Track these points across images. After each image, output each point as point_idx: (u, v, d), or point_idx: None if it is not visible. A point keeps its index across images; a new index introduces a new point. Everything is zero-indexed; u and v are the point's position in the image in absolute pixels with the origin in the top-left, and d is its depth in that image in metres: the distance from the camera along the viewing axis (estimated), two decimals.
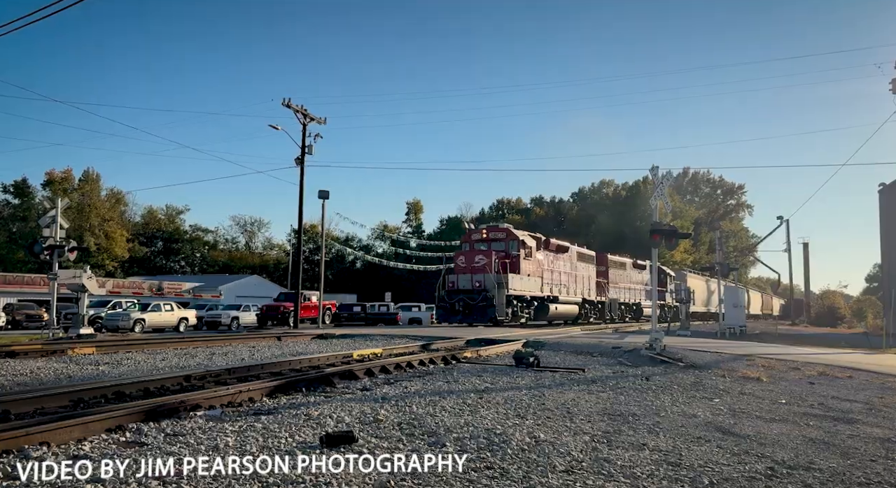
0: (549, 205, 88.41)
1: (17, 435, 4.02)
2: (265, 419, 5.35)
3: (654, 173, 13.55)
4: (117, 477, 3.53)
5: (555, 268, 28.37)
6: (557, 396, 7.23)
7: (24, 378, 7.63)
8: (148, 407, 5.24)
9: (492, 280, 23.08)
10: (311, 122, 29.91)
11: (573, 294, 29.91)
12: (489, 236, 25.35)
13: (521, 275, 24.58)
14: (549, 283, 27.40)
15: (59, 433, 4.26)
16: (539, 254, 26.90)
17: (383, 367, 9.06)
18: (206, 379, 7.53)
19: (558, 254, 29.15)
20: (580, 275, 30.88)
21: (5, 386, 6.99)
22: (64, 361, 9.51)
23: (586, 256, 32.67)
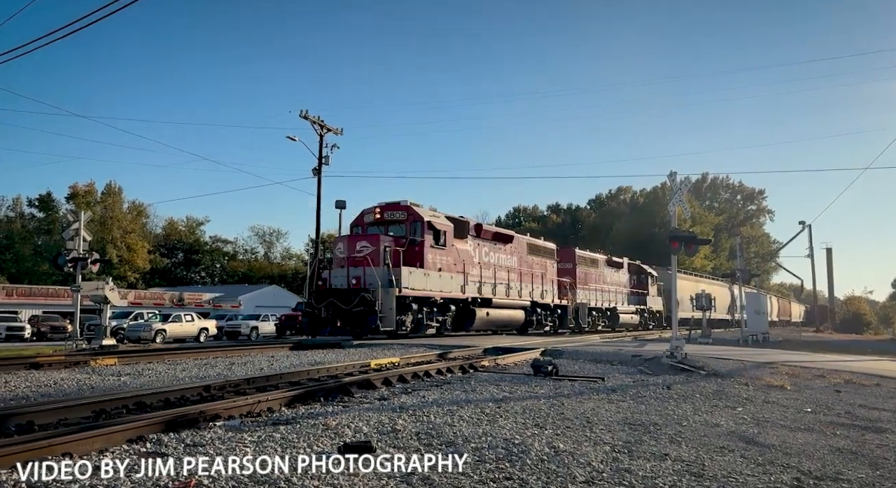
0: (565, 212, 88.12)
1: (40, 446, 4.07)
2: (284, 429, 5.35)
3: (672, 179, 13.43)
4: (139, 486, 3.56)
5: (490, 261, 22.54)
6: (577, 405, 7.15)
7: (48, 389, 7.74)
8: (168, 418, 5.27)
9: (376, 275, 16.76)
10: (328, 132, 30.22)
11: (519, 295, 24.01)
12: (384, 216, 19.05)
13: (426, 268, 18.39)
14: (479, 281, 21.38)
15: (81, 444, 4.31)
16: (462, 243, 20.90)
17: (401, 376, 9.05)
18: (225, 389, 7.57)
19: (497, 245, 23.35)
20: (532, 272, 25.18)
21: (30, 396, 7.09)
22: (87, 372, 9.63)
23: (542, 249, 26.94)
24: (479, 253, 21.97)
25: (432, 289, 18.71)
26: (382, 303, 16.55)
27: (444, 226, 19.63)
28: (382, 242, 17.59)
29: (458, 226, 20.80)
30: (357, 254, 17.52)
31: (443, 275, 19.32)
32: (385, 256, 17.34)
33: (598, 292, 31.27)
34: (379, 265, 17.09)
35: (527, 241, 26.06)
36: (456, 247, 20.19)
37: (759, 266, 73.62)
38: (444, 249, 19.41)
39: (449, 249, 19.66)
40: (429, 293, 18.59)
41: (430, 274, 18.62)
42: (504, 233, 24.45)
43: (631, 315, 34.56)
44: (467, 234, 21.29)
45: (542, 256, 26.59)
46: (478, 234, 22.16)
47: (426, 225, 18.80)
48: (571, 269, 29.31)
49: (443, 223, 19.65)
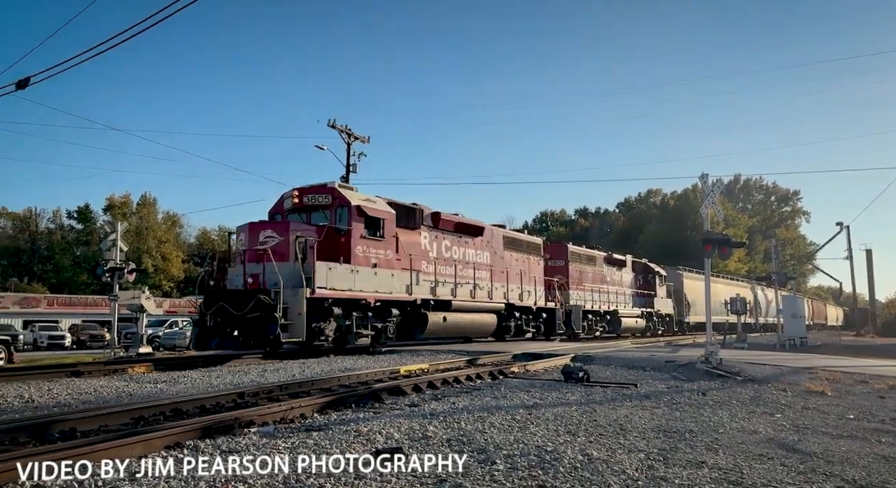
0: (594, 216, 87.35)
1: (82, 452, 4.19)
2: (316, 435, 5.41)
3: (703, 181, 13.20)
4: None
5: (453, 257, 18.83)
6: (609, 412, 7.06)
7: (88, 396, 7.96)
8: (204, 425, 5.37)
9: (277, 272, 12.80)
10: (355, 141, 30.51)
11: (489, 296, 20.12)
12: (303, 201, 15.36)
13: (354, 264, 14.69)
14: (435, 280, 17.54)
15: (121, 450, 4.41)
16: (412, 235, 17.13)
17: (430, 383, 9.05)
18: (259, 395, 7.68)
19: (462, 238, 19.48)
20: (510, 270, 21.52)
21: (71, 403, 7.30)
22: (125, 379, 9.87)
23: (525, 244, 23.37)
24: (436, 246, 18.13)
25: (363, 290, 14.78)
26: (289, 307, 12.83)
27: (381, 213, 15.74)
28: (293, 231, 13.67)
29: (406, 214, 16.98)
30: (260, 246, 13.39)
31: (380, 272, 15.47)
32: (297, 248, 13.43)
33: (596, 293, 27.63)
34: (288, 260, 13.21)
35: (504, 234, 22.11)
36: (401, 240, 16.41)
37: (795, 268, 71.79)
38: (383, 241, 15.59)
39: (389, 241, 15.85)
40: (358, 294, 14.62)
41: (359, 270, 14.71)
42: (471, 224, 20.17)
43: (636, 319, 30.82)
44: (419, 224, 17.45)
45: (525, 252, 22.95)
46: (435, 225, 18.26)
47: (355, 211, 14.94)
48: (563, 267, 25.74)
49: (380, 209, 15.82)
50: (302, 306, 12.98)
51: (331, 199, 15.29)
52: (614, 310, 28.70)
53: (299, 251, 13.51)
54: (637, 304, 31.67)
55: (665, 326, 34.40)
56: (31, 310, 43.61)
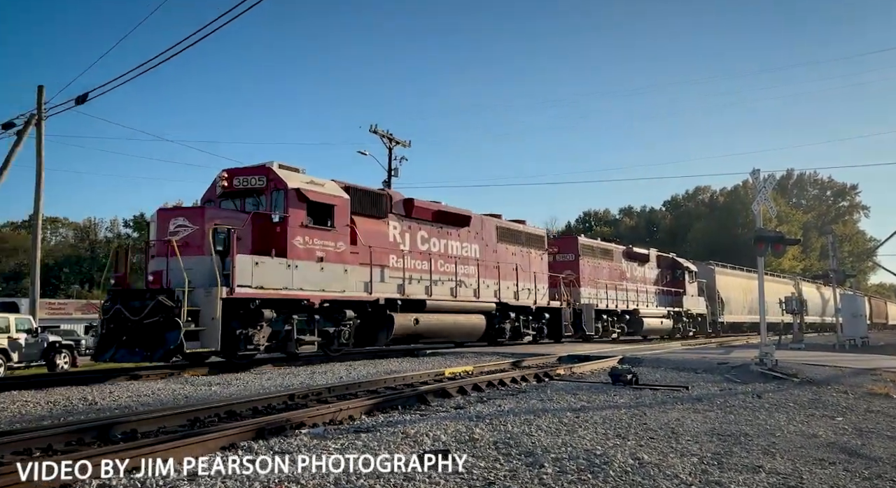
0: (639, 215, 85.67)
1: (143, 453, 4.36)
2: (365, 436, 5.48)
3: (755, 176, 12.80)
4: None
5: (430, 249, 16.59)
6: (660, 415, 6.91)
7: (147, 398, 8.28)
8: (257, 426, 5.52)
9: (182, 269, 10.77)
10: (396, 145, 30.83)
11: (476, 295, 17.73)
12: (233, 185, 13.03)
13: (292, 257, 12.46)
14: (404, 276, 15.43)
15: (179, 450, 4.57)
16: (376, 224, 15.09)
17: (475, 385, 9.05)
18: (308, 397, 7.83)
19: (442, 228, 17.19)
20: (504, 265, 19.03)
21: (131, 406, 7.61)
22: (181, 382, 10.21)
23: (524, 235, 20.79)
24: (409, 238, 15.99)
25: (304, 288, 12.53)
26: (201, 310, 10.85)
27: (328, 199, 13.37)
28: (209, 219, 11.52)
29: (367, 201, 14.90)
30: (170, 236, 11.31)
31: (328, 267, 13.13)
32: (215, 239, 11.23)
33: (613, 290, 25.07)
34: (203, 253, 11.13)
35: (497, 225, 19.58)
36: (360, 230, 14.26)
37: (855, 266, 68.68)
38: (332, 231, 13.30)
39: (341, 231, 13.54)
40: (297, 294, 12.43)
41: (299, 265, 12.46)
42: (454, 213, 17.70)
43: (661, 319, 28.22)
44: (387, 212, 15.41)
45: (524, 245, 20.52)
46: (408, 213, 16.11)
47: (293, 195, 12.63)
48: (573, 262, 23.50)
49: (328, 193, 13.46)
50: (216, 309, 10.83)
51: (265, 182, 12.88)
52: (634, 310, 26.10)
53: (216, 243, 11.26)
54: (663, 303, 29.11)
55: (697, 327, 31.72)
56: (92, 316, 45.57)
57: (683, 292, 30.58)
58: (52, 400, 7.99)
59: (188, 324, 10.61)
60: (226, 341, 11.26)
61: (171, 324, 10.52)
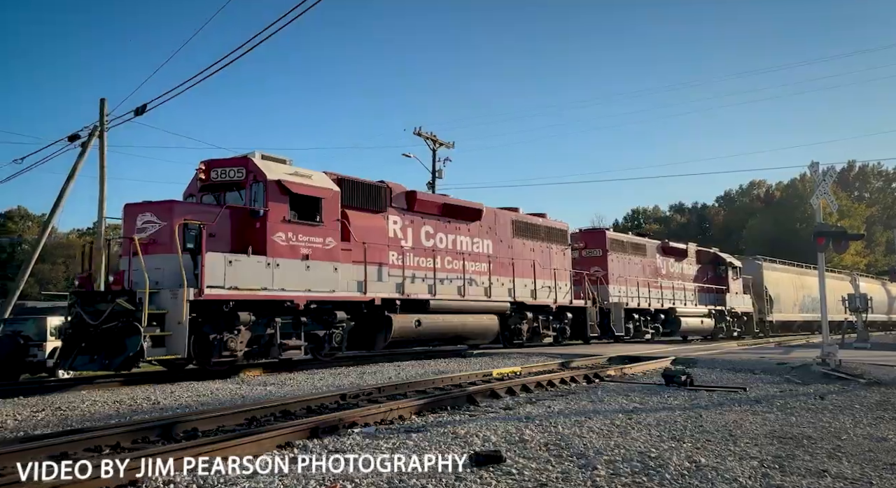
0: (690, 211, 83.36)
1: (205, 451, 4.54)
2: (415, 436, 5.54)
3: (813, 169, 12.29)
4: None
5: (435, 245, 15.56)
6: (716, 417, 6.73)
7: (206, 398, 8.58)
8: (311, 425, 5.65)
9: (143, 269, 9.92)
10: (440, 147, 30.99)
11: (487, 294, 16.64)
12: (211, 177, 12.13)
13: (272, 255, 11.58)
14: (405, 275, 14.42)
15: (238, 448, 4.73)
16: (374, 219, 14.13)
17: (524, 386, 9.01)
18: (359, 397, 7.96)
19: (449, 222, 16.17)
20: (520, 261, 17.83)
21: (192, 405, 7.91)
22: (237, 382, 10.54)
23: (543, 230, 19.42)
24: (411, 233, 14.99)
25: (286, 288, 11.66)
26: (168, 314, 10.04)
27: (314, 191, 12.42)
28: (178, 214, 10.78)
29: (363, 194, 13.92)
30: (137, 233, 10.61)
31: (315, 265, 12.21)
32: (181, 237, 10.46)
33: (645, 288, 23.49)
34: (172, 250, 10.27)
35: (513, 218, 18.31)
36: (354, 225, 13.30)
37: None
38: (320, 227, 12.38)
39: (330, 226, 12.62)
40: (279, 294, 11.56)
41: (280, 264, 11.59)
42: (463, 206, 16.65)
43: (701, 318, 26.59)
44: (386, 206, 14.46)
45: (543, 240, 19.22)
46: (410, 207, 15.15)
47: (274, 187, 11.75)
48: (600, 258, 22.19)
49: (314, 186, 12.50)
50: (182, 312, 9.98)
51: (244, 174, 11.99)
52: (670, 308, 24.55)
53: (187, 240, 10.59)
54: (703, 301, 27.47)
55: (742, 326, 29.78)
56: None
57: (727, 289, 28.87)
58: (119, 399, 8.38)
59: (152, 329, 9.77)
60: (200, 347, 10.60)
61: (132, 329, 9.64)
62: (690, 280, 27.19)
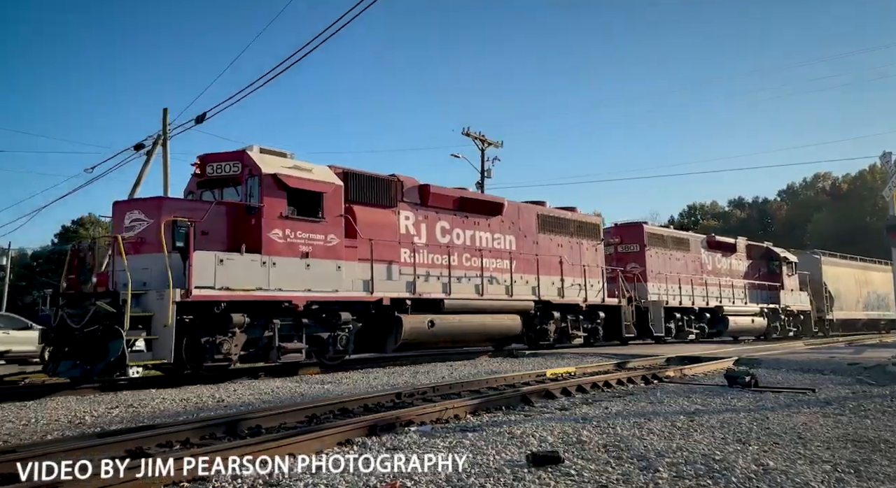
0: (751, 206, 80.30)
1: (270, 447, 4.69)
2: (471, 436, 5.56)
3: (885, 160, 11.68)
4: (352, 485, 3.96)
5: (451, 242, 14.81)
6: (784, 419, 6.46)
7: (268, 396, 8.85)
8: (370, 423, 5.75)
9: (127, 269, 9.44)
10: (489, 146, 30.94)
11: (508, 292, 15.81)
12: (207, 173, 11.71)
13: (268, 253, 11.03)
14: (418, 273, 13.73)
15: (300, 445, 4.86)
16: (383, 214, 13.44)
17: (579, 386, 8.89)
18: (414, 396, 8.05)
19: (467, 217, 15.40)
20: (545, 258, 16.93)
21: (254, 403, 8.17)
22: (296, 381, 10.82)
23: (573, 224, 18.44)
24: (425, 229, 14.29)
25: (284, 288, 11.12)
26: (155, 317, 9.59)
27: (314, 185, 11.79)
28: (166, 211, 10.32)
29: (370, 188, 13.23)
30: (125, 233, 10.26)
31: (316, 264, 11.62)
32: (168, 235, 10.07)
33: (688, 285, 22.16)
34: (159, 249, 9.77)
35: (538, 212, 17.45)
36: (360, 220, 12.64)
37: None
38: (321, 223, 11.80)
39: (333, 222, 11.99)
40: (275, 294, 11.01)
41: (277, 262, 11.04)
42: (482, 200, 16.16)
43: (751, 317, 25.07)
44: (396, 200, 13.77)
45: (573, 235, 18.24)
46: (423, 201, 14.42)
47: (270, 182, 11.18)
48: (638, 254, 21.14)
49: (314, 179, 11.88)
50: (167, 315, 9.49)
51: (240, 168, 11.45)
52: (717, 307, 23.12)
53: (172, 238, 10.19)
54: (754, 299, 25.80)
55: (798, 325, 28.10)
56: None
57: (781, 286, 27.10)
58: (185, 397, 8.74)
59: (138, 333, 9.37)
60: (192, 351, 10.32)
61: (113, 333, 9.15)
62: (740, 276, 25.78)
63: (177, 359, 9.97)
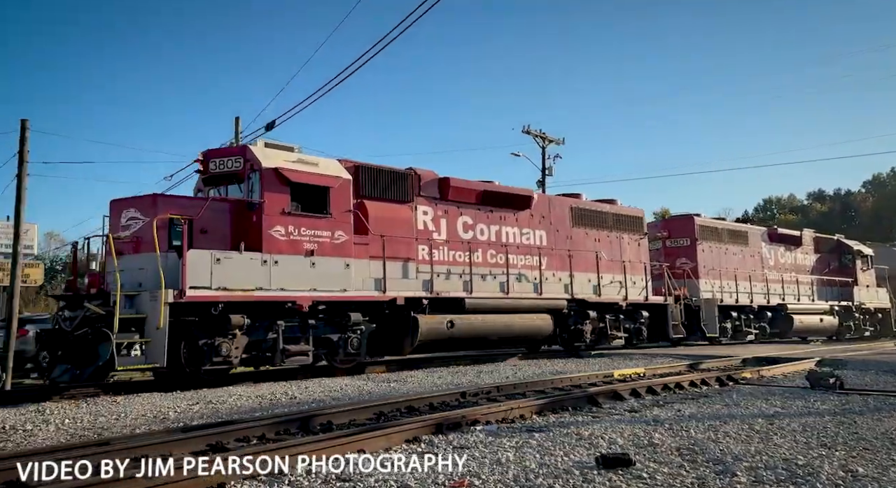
0: (832, 198, 75.84)
1: (342, 443, 4.83)
2: (538, 436, 5.52)
3: None
4: (421, 482, 4.02)
5: (472, 238, 14.06)
6: (874, 424, 6.07)
7: (337, 393, 9.09)
8: (436, 421, 5.81)
9: (116, 271, 9.34)
10: (550, 144, 30.54)
11: (537, 290, 14.95)
12: (210, 169, 11.45)
13: (269, 251, 10.62)
14: (431, 271, 12.92)
15: (370, 441, 4.98)
16: (395, 209, 12.84)
17: (649, 388, 8.65)
18: (478, 395, 8.06)
19: (492, 213, 14.65)
20: (578, 254, 15.95)
21: (324, 400, 8.42)
22: (363, 379, 11.06)
23: (610, 218, 17.34)
24: (445, 224, 13.64)
25: (286, 288, 10.70)
26: (149, 318, 9.30)
27: (319, 179, 11.36)
28: (162, 208, 10.08)
29: (384, 182, 12.72)
30: (121, 232, 10.10)
31: (322, 262, 11.14)
32: (170, 234, 9.98)
33: (745, 281, 20.66)
34: (156, 249, 9.53)
35: (572, 205, 16.47)
36: (372, 216, 12.13)
37: None
38: (327, 219, 11.34)
39: (340, 218, 11.50)
40: (277, 295, 10.62)
41: (278, 261, 10.64)
42: (507, 193, 15.02)
43: (820, 315, 23.18)
44: (413, 195, 13.19)
45: (612, 228, 17.21)
46: (443, 196, 13.77)
47: (270, 176, 10.79)
48: (689, 248, 19.82)
49: (317, 174, 11.41)
50: (159, 317, 9.19)
51: (242, 163, 11.11)
52: (779, 305, 21.41)
53: (168, 237, 9.94)
54: (823, 296, 23.90)
55: (876, 325, 25.79)
56: None
57: (854, 281, 25.04)
58: (260, 394, 9.09)
59: (130, 335, 9.07)
60: (191, 353, 10.04)
61: (100, 336, 8.94)
62: (806, 271, 23.97)
63: (175, 361, 9.87)
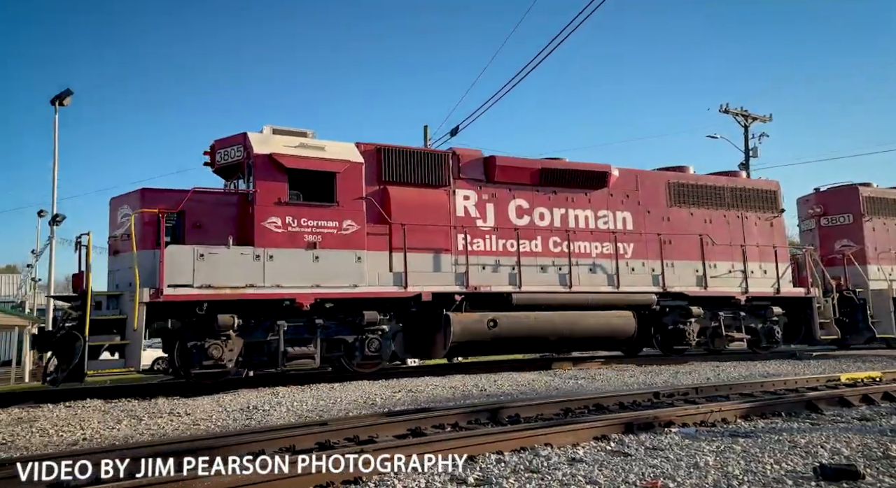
0: None
1: (531, 435, 4.93)
2: (743, 441, 5.09)
3: None
4: (610, 480, 3.96)
5: (530, 223, 12.24)
6: None
7: (524, 387, 9.27)
8: (626, 420, 5.65)
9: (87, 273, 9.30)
10: (754, 122, 27.68)
11: (614, 283, 12.61)
12: (217, 160, 10.80)
13: (262, 246, 9.76)
14: (467, 262, 11.31)
15: (557, 436, 5.01)
16: (427, 194, 11.41)
17: (886, 394, 7.51)
18: (673, 396, 7.64)
19: (556, 194, 12.63)
20: (678, 238, 13.41)
21: (512, 393, 8.65)
22: (551, 375, 11.08)
23: (728, 192, 14.37)
24: (490, 210, 11.97)
25: (282, 284, 9.80)
26: (128, 320, 8.82)
27: (322, 164, 10.38)
28: (149, 202, 9.55)
29: (410, 165, 11.40)
30: (118, 229, 9.79)
31: (326, 255, 10.14)
32: (156, 230, 9.33)
33: None
34: (146, 246, 9.22)
35: (670, 180, 13.91)
36: (395, 203, 10.95)
37: None
38: (334, 208, 10.34)
39: (349, 207, 10.43)
40: (272, 292, 9.73)
41: (274, 255, 9.78)
42: (574, 169, 12.86)
43: None
44: (448, 179, 11.67)
45: (730, 206, 14.36)
46: (489, 178, 12.11)
47: (264, 163, 9.96)
48: (851, 226, 16.27)
49: (320, 158, 10.41)
50: (136, 319, 8.73)
51: (241, 151, 10.39)
52: None
53: (151, 231, 9.40)
54: None
55: None
56: None
57: None
58: (453, 385, 9.60)
59: (110, 337, 8.74)
60: (182, 356, 9.55)
61: (72, 338, 8.67)
62: None
63: (170, 365, 9.79)
